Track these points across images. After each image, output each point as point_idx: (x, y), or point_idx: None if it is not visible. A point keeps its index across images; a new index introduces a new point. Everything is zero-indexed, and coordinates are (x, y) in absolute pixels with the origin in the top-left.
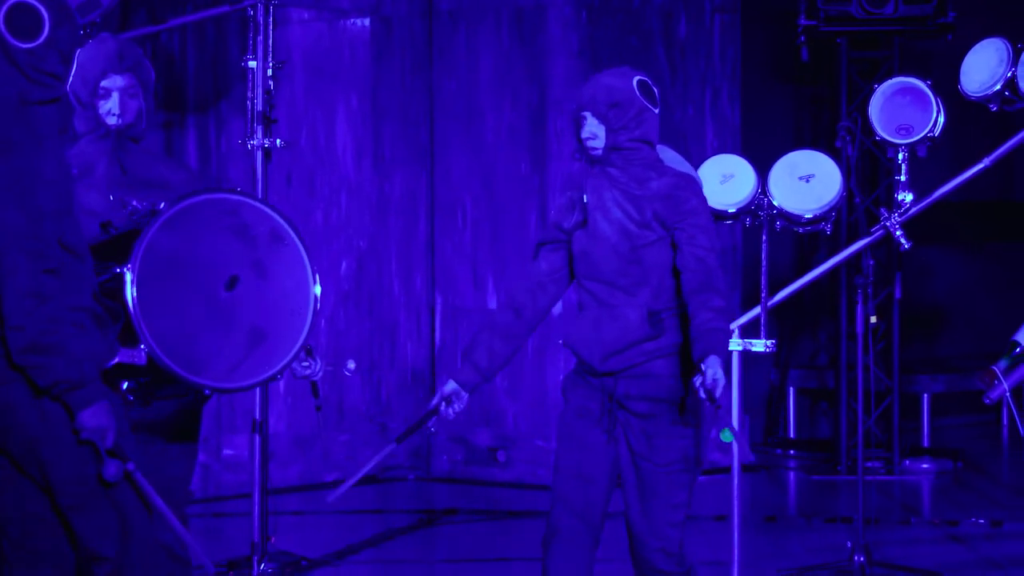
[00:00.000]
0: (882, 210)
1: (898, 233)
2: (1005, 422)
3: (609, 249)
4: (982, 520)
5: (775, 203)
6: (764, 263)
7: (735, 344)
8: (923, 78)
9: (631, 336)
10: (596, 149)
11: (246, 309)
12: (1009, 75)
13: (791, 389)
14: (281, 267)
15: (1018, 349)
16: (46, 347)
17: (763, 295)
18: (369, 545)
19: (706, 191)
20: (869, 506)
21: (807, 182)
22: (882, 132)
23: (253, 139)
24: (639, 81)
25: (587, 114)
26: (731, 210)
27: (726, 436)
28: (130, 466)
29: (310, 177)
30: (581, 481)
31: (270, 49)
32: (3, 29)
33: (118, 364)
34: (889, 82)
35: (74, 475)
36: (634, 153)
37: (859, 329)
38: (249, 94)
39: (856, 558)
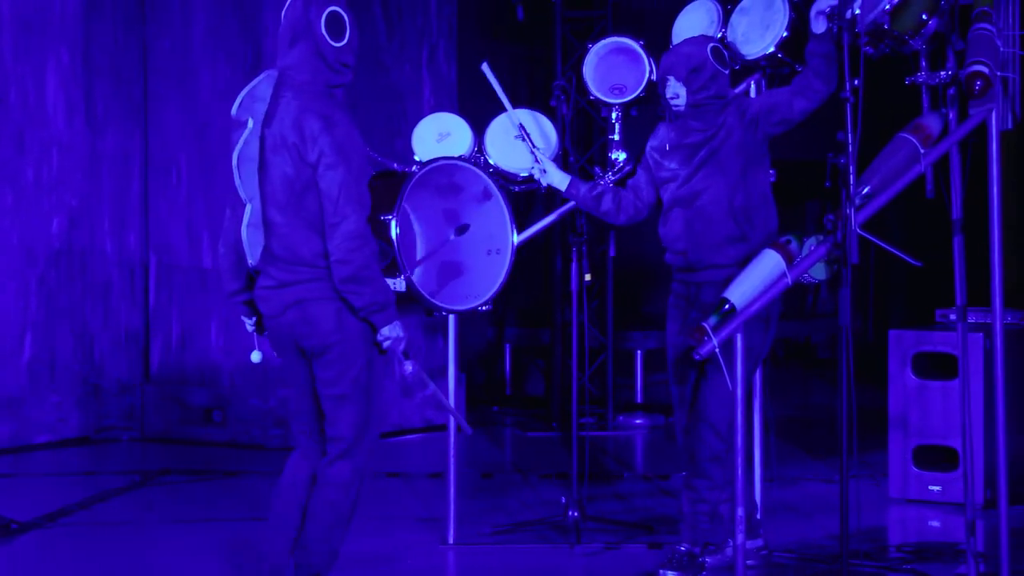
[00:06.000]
0: (596, 169)
1: None
2: None
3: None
4: None
5: (491, 161)
6: None
7: None
8: (636, 38)
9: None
10: (679, 106)
11: (464, 249)
12: (719, 36)
13: (507, 347)
14: (487, 218)
15: (727, 306)
16: (365, 278)
17: None
18: (81, 507)
19: (422, 149)
20: (583, 461)
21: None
22: (596, 91)
23: None
24: (712, 48)
25: (670, 78)
26: None
27: None
28: (413, 365)
29: (20, 134)
30: None
31: None
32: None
33: None
34: (603, 42)
35: (353, 374)
36: (708, 108)
37: (574, 287)
38: None
39: (571, 513)
